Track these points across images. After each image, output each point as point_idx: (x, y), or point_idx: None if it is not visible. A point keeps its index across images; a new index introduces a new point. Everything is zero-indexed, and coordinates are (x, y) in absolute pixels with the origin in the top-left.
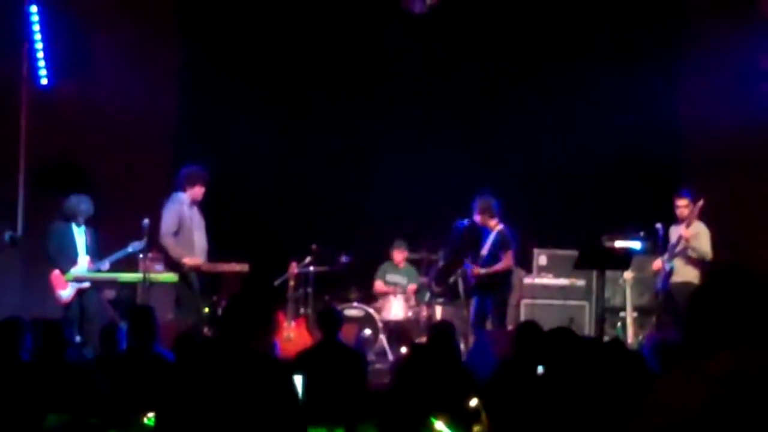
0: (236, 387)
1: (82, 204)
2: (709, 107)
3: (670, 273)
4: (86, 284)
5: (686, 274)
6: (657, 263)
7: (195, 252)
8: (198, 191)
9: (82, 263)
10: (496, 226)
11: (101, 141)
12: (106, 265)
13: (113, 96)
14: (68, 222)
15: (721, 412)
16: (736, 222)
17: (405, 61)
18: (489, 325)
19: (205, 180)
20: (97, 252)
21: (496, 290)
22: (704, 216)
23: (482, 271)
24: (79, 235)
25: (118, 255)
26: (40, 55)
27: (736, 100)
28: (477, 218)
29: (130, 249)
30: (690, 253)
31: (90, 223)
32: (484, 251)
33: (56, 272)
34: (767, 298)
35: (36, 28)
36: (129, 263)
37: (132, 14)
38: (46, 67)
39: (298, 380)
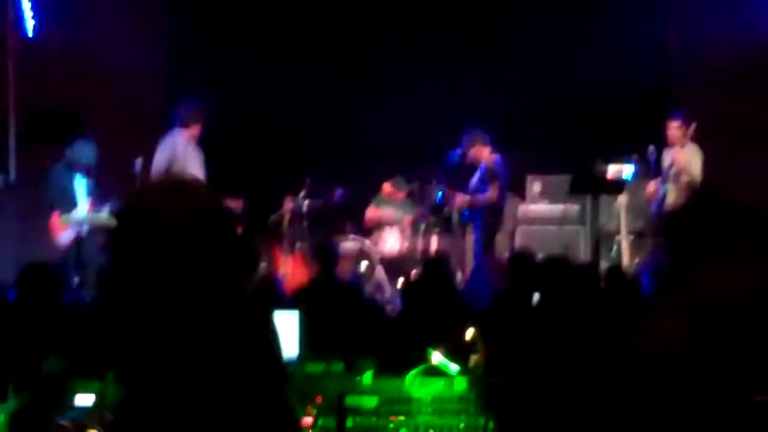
0: (210, 328)
1: (84, 150)
2: (698, 25)
3: (664, 197)
4: (85, 228)
5: (679, 196)
6: (651, 187)
7: None
8: (196, 128)
9: (83, 207)
10: (488, 156)
11: (90, 90)
12: (106, 209)
13: (101, 45)
14: (69, 167)
15: (703, 342)
16: (727, 142)
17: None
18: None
19: (202, 117)
20: (97, 196)
21: (481, 221)
22: (696, 138)
23: (466, 199)
24: (80, 180)
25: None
26: (26, 4)
27: (725, 20)
28: (469, 154)
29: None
30: (682, 177)
31: (92, 170)
32: (472, 182)
33: (55, 215)
34: (741, 219)
35: None
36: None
37: None
38: (33, 17)
39: (294, 316)
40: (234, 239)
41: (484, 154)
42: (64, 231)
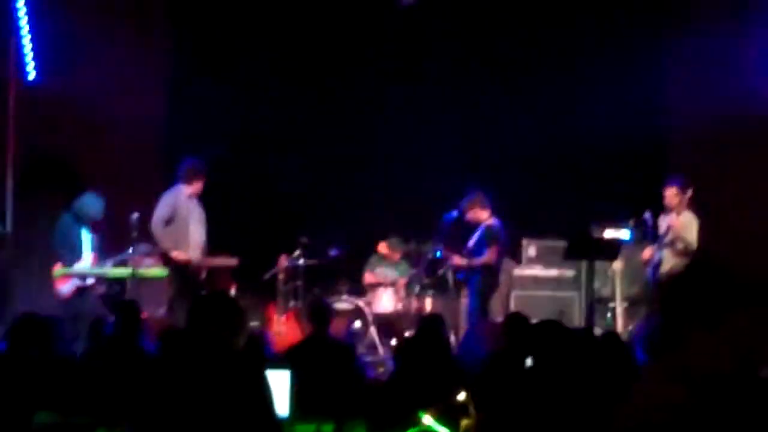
0: (205, 383)
1: (93, 207)
2: (696, 92)
3: (659, 263)
4: (89, 281)
5: (675, 264)
6: (647, 253)
7: (190, 245)
8: (197, 185)
9: (87, 260)
10: (487, 219)
11: (90, 136)
12: (109, 265)
13: (102, 91)
14: (77, 219)
15: (692, 410)
16: (724, 208)
17: (394, 52)
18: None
19: (204, 174)
20: (102, 251)
21: (477, 283)
22: (693, 204)
23: (463, 261)
24: (86, 232)
25: (123, 256)
26: (28, 49)
27: (723, 85)
28: (467, 216)
29: (131, 251)
30: (677, 243)
31: (98, 223)
32: (470, 243)
33: (58, 266)
34: (736, 287)
35: (23, 22)
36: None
37: (121, 9)
38: (34, 61)
39: (285, 375)
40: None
41: (483, 216)
42: (66, 282)
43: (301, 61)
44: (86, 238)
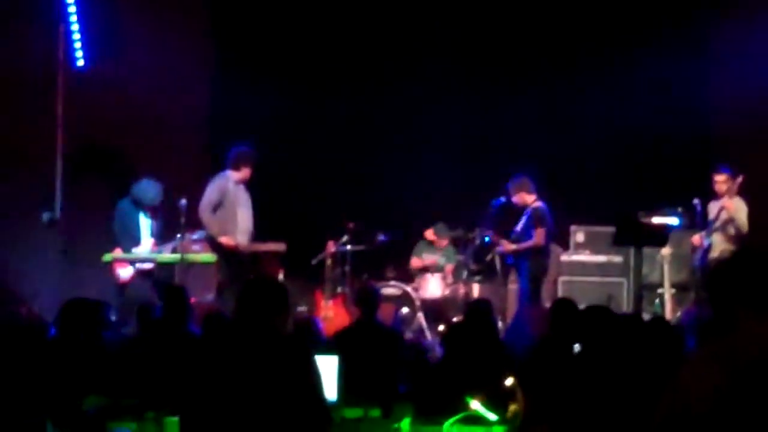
0: (255, 367)
1: (150, 192)
2: (742, 81)
3: (708, 249)
4: (148, 266)
5: (724, 249)
6: (696, 239)
7: (237, 231)
8: (245, 172)
9: (146, 245)
10: (533, 203)
11: (137, 123)
12: (168, 249)
13: (149, 77)
14: (135, 204)
15: (738, 394)
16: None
17: (438, 41)
18: None
19: (252, 161)
20: (161, 236)
21: (527, 267)
22: (741, 192)
23: (512, 246)
24: (145, 217)
25: (185, 240)
26: (76, 36)
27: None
28: (514, 199)
29: (195, 236)
30: (729, 226)
31: (157, 209)
32: (518, 228)
33: (117, 251)
34: None
35: (72, 9)
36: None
37: None
38: (82, 48)
39: (333, 360)
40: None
41: (529, 200)
42: (124, 267)
43: (346, 48)
44: (145, 223)
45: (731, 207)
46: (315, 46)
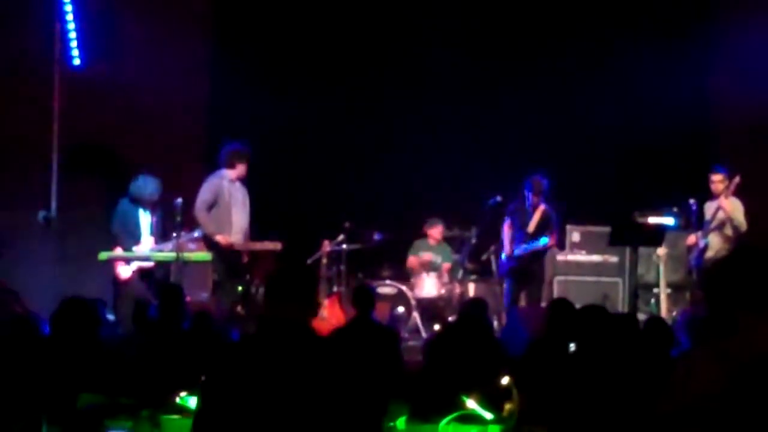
0: (302, 371)
1: (148, 187)
2: (741, 82)
3: (704, 249)
4: (148, 264)
5: (721, 249)
6: (692, 238)
7: (232, 230)
8: (240, 169)
9: (146, 243)
10: (539, 204)
11: (133, 121)
12: (169, 247)
13: (145, 76)
14: (134, 202)
15: (740, 392)
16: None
17: (438, 37)
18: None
19: (246, 158)
20: (162, 233)
21: (538, 269)
22: (738, 192)
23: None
24: (144, 215)
25: (183, 238)
26: (73, 35)
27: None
28: (532, 199)
29: (195, 234)
30: (727, 226)
31: (156, 205)
32: (531, 229)
33: (117, 249)
34: None
35: (68, 8)
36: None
37: None
38: (78, 47)
39: None
40: None
41: (539, 201)
42: (124, 265)
43: (344, 46)
44: (146, 222)
45: (728, 207)
46: (310, 46)
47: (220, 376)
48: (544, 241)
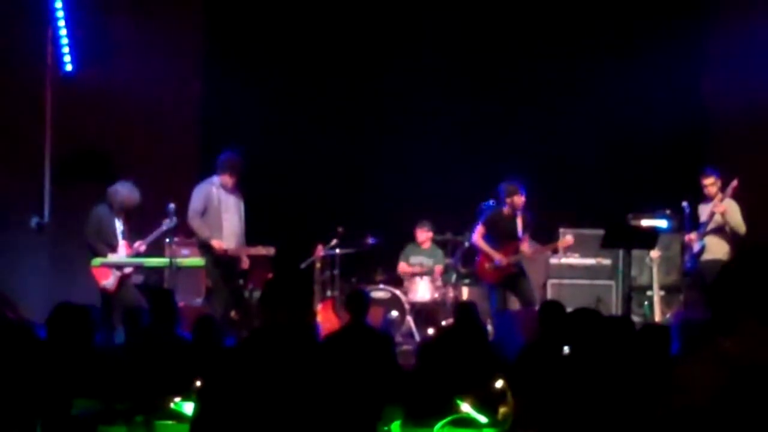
0: (297, 376)
1: (122, 195)
2: (733, 83)
3: (700, 252)
4: (127, 270)
5: (717, 251)
6: (690, 237)
7: (223, 235)
8: (226, 178)
9: (122, 251)
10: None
11: (126, 126)
12: (143, 246)
13: (138, 81)
14: (110, 208)
15: (736, 396)
16: (763, 199)
17: (428, 42)
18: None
19: (235, 167)
20: (131, 236)
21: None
22: (737, 193)
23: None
24: (119, 222)
25: (155, 235)
26: (64, 41)
27: (760, 76)
28: (508, 202)
29: (164, 227)
30: (726, 227)
31: (130, 211)
32: (520, 231)
33: (111, 256)
34: None
35: (60, 14)
36: (156, 248)
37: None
38: (71, 53)
39: None
40: None
41: (520, 203)
42: (107, 277)
43: (337, 50)
44: (120, 226)
45: (723, 209)
46: (303, 52)
47: (217, 381)
48: None
